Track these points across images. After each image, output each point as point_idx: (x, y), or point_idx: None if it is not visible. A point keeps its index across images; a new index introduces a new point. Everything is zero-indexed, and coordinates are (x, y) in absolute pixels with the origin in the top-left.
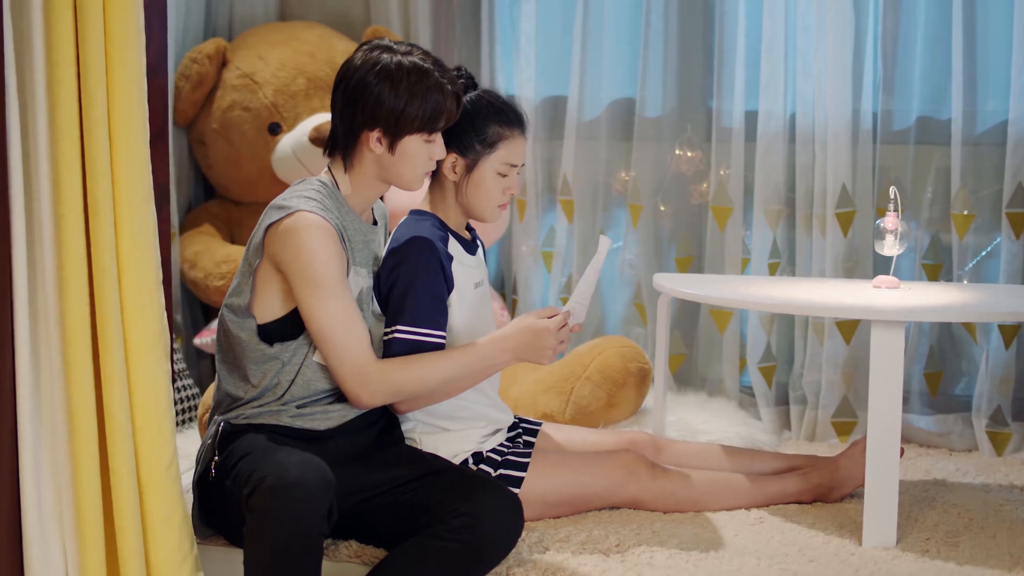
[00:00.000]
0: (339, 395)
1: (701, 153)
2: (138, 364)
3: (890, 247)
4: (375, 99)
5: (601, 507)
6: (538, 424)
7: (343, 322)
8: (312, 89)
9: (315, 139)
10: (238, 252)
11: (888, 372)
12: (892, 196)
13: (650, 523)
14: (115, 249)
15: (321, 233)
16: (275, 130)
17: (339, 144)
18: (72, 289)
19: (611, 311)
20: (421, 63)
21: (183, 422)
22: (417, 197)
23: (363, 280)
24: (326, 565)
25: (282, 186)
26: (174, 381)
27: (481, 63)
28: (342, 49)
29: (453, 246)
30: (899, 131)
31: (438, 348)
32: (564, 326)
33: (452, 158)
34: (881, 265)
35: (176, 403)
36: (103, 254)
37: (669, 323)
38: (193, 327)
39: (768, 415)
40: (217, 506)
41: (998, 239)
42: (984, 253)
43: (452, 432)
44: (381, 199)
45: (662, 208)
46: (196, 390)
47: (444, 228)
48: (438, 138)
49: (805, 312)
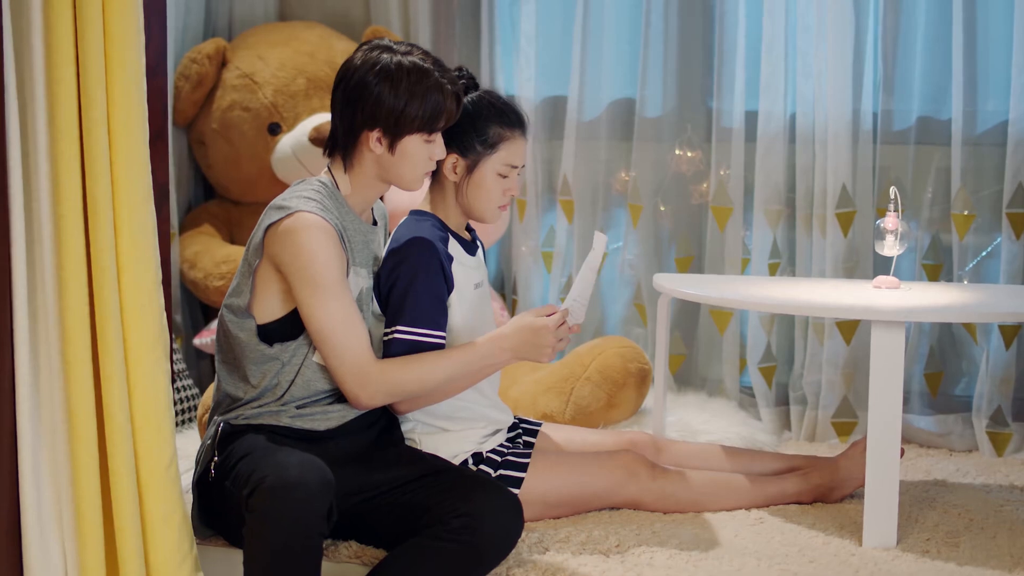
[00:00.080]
0: (339, 395)
1: (701, 153)
2: (137, 364)
3: (890, 247)
4: (375, 99)
5: (601, 508)
6: (538, 424)
7: (343, 322)
8: (312, 89)
9: (315, 139)
10: (238, 252)
11: (888, 372)
12: (892, 196)
13: (650, 524)
14: (114, 249)
15: (321, 233)
16: (275, 130)
17: (339, 144)
18: (71, 289)
19: (611, 311)
20: (421, 63)
21: (183, 422)
22: (417, 197)
23: (363, 280)
24: (326, 566)
25: (282, 186)
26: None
27: (481, 63)
28: (342, 49)
29: (453, 247)
30: (899, 131)
31: (438, 348)
32: (563, 324)
33: (453, 159)
34: (881, 265)
35: (176, 403)
36: (102, 254)
37: (669, 323)
38: (193, 327)
39: (768, 415)
40: (217, 506)
41: (998, 239)
42: (984, 253)
43: (452, 432)
44: (381, 199)
45: (662, 208)
46: (196, 390)
47: (444, 229)
48: (438, 138)
49: (805, 312)
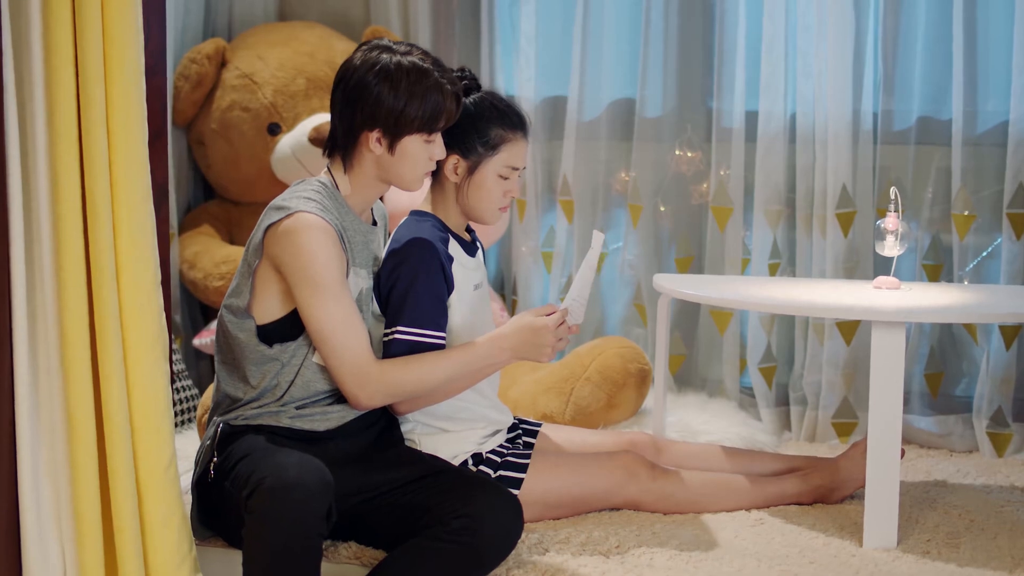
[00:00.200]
0: (338, 396)
1: (701, 153)
2: (137, 364)
3: (890, 248)
4: (374, 99)
5: (601, 508)
6: (538, 425)
7: (342, 323)
8: (311, 89)
9: (314, 139)
10: (237, 253)
11: (889, 373)
12: (892, 196)
13: (650, 524)
14: (114, 249)
15: (320, 234)
16: (274, 130)
17: (339, 144)
18: (70, 289)
19: (611, 311)
20: (420, 63)
21: (182, 423)
22: (417, 198)
23: (363, 281)
24: (325, 566)
25: (281, 186)
26: (173, 382)
27: (481, 63)
28: (342, 49)
29: (453, 247)
30: (899, 131)
31: (438, 349)
32: (562, 324)
33: (454, 160)
34: (881, 266)
35: (175, 404)
36: (102, 254)
37: (669, 324)
38: (192, 328)
39: (768, 416)
40: (216, 507)
41: (999, 240)
42: (985, 254)
43: (451, 433)
44: (381, 199)
45: (662, 208)
46: (195, 391)
47: (445, 229)
48: (438, 138)
49: (805, 313)
